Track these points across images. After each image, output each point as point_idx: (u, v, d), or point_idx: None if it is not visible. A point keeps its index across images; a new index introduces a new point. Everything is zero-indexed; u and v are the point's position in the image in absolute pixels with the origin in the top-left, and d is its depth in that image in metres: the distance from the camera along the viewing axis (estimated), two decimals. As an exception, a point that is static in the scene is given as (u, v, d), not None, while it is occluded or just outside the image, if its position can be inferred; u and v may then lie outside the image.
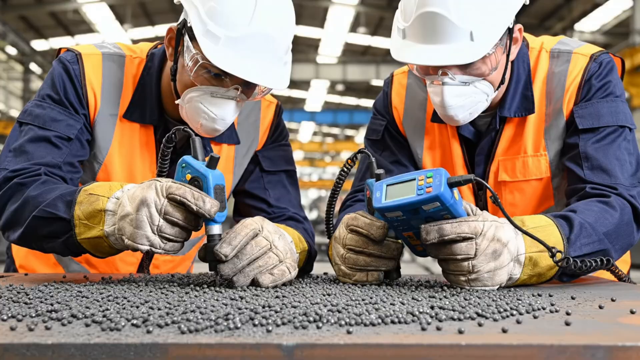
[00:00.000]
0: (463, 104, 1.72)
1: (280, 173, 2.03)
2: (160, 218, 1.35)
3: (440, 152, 1.97)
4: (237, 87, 1.68)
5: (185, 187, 1.35)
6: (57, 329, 0.91)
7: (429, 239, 1.37)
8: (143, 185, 1.40)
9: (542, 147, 1.86)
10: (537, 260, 1.43)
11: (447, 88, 1.69)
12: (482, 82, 1.72)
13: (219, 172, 1.39)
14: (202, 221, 1.41)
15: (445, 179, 1.36)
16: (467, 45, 1.63)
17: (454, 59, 1.64)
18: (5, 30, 19.35)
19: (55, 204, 1.49)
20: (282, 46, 1.68)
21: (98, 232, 1.44)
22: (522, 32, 1.80)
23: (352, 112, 30.13)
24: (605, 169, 1.72)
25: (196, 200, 1.34)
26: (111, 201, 1.43)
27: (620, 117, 1.78)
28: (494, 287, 1.39)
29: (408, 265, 11.21)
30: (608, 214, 1.60)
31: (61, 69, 1.80)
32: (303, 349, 0.83)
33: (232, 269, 1.39)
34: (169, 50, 1.76)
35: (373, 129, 2.06)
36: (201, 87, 1.68)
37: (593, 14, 20.29)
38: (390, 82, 2.07)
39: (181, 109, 1.74)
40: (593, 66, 1.81)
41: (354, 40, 25.24)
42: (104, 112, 1.82)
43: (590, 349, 0.84)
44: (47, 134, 1.72)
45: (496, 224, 1.39)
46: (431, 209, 1.38)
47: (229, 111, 1.70)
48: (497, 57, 1.70)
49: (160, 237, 1.37)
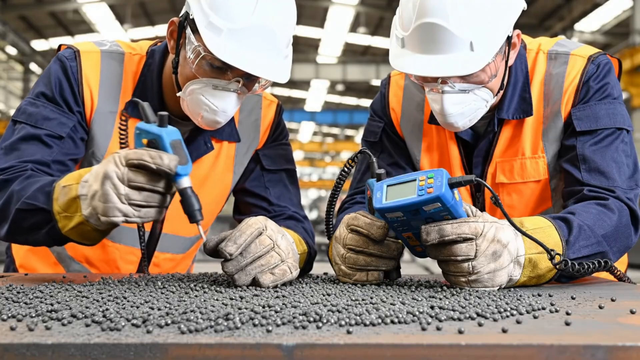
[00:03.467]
0: (462, 111, 1.71)
1: (280, 172, 2.03)
2: (124, 187, 1.35)
3: (438, 154, 1.97)
4: (238, 80, 1.69)
5: (141, 150, 1.36)
6: (57, 329, 0.91)
7: (429, 239, 1.37)
8: (103, 161, 1.41)
9: (540, 149, 1.86)
10: (536, 261, 1.43)
11: (447, 96, 1.68)
12: (482, 89, 1.71)
13: (172, 128, 1.40)
14: (170, 182, 1.40)
15: (446, 180, 1.36)
16: (467, 55, 1.62)
17: (455, 70, 1.62)
18: (5, 30, 19.35)
19: (35, 195, 1.51)
20: (284, 39, 1.69)
21: (78, 219, 1.44)
22: (520, 37, 1.79)
23: (352, 112, 30.16)
24: (603, 172, 1.72)
25: (154, 160, 1.34)
26: (81, 185, 1.43)
27: (618, 119, 1.78)
28: (494, 288, 1.39)
29: (408, 265, 11.21)
30: (606, 217, 1.59)
31: (58, 66, 1.80)
32: (303, 349, 0.83)
33: (236, 266, 1.39)
34: (171, 43, 1.76)
35: (371, 131, 2.06)
36: (203, 80, 1.68)
37: (593, 14, 20.29)
38: (388, 84, 2.07)
39: (182, 101, 1.74)
40: (591, 68, 1.81)
41: (354, 40, 25.25)
42: (102, 109, 1.82)
43: (590, 349, 0.84)
44: (38, 132, 1.72)
45: (496, 225, 1.39)
46: (432, 210, 1.38)
47: (231, 104, 1.71)
48: (496, 64, 1.70)
49: (131, 206, 1.37)
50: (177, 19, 1.74)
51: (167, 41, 1.78)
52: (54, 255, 2.01)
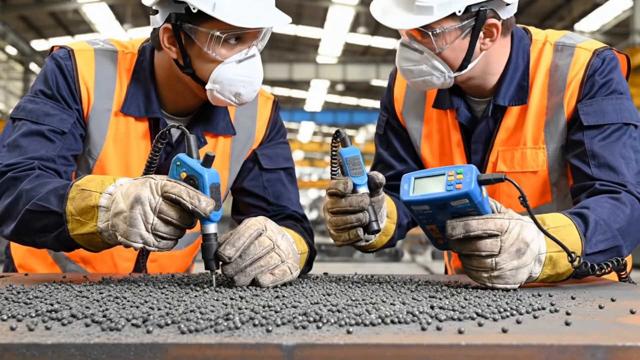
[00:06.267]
0: (412, 69, 1.83)
1: (279, 171, 2.03)
2: (154, 216, 1.34)
3: (439, 139, 2.01)
4: (253, 44, 1.74)
5: (180, 186, 1.34)
6: (57, 329, 0.91)
7: (454, 234, 1.38)
8: (137, 182, 1.39)
9: (541, 139, 1.87)
10: (556, 260, 1.44)
11: (402, 49, 1.84)
12: (435, 58, 1.79)
13: (214, 170, 1.39)
14: (196, 219, 1.40)
15: (475, 176, 1.37)
16: (424, 17, 1.73)
17: (400, 23, 1.77)
18: (5, 30, 19.34)
19: (48, 197, 1.49)
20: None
21: (91, 228, 1.43)
22: (499, 29, 1.81)
23: (352, 112, 30.15)
24: (612, 167, 1.73)
25: (191, 199, 1.34)
26: (104, 197, 1.42)
27: (625, 115, 1.79)
28: (515, 285, 1.39)
29: (408, 265, 11.21)
30: (619, 210, 1.60)
31: (54, 65, 1.80)
32: (303, 349, 0.83)
33: (235, 268, 1.39)
34: (174, 49, 1.74)
35: (379, 124, 2.15)
36: (225, 61, 1.71)
37: (593, 14, 20.28)
38: (394, 75, 2.13)
39: (210, 92, 1.75)
40: (596, 62, 1.82)
41: (354, 40, 25.24)
42: (97, 107, 1.82)
43: (590, 349, 0.84)
44: (40, 128, 1.72)
45: (521, 223, 1.39)
46: (459, 205, 1.38)
47: (259, 69, 1.77)
48: (450, 37, 1.76)
49: (154, 236, 1.36)
50: (169, 25, 1.71)
51: (167, 50, 1.75)
52: (50, 255, 2.01)
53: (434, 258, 11.82)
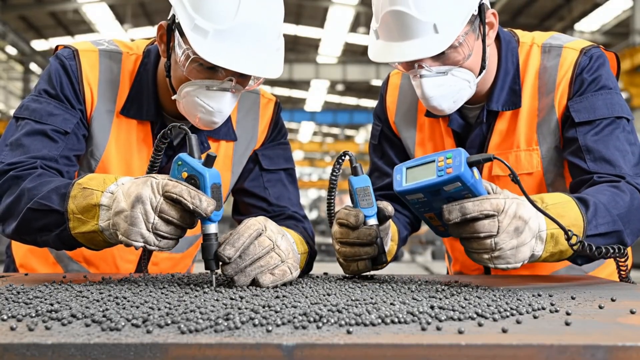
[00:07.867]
0: (444, 93, 1.74)
1: (279, 171, 2.04)
2: (155, 216, 1.34)
3: (432, 146, 2.01)
4: (231, 79, 1.68)
5: (181, 185, 1.34)
6: (57, 329, 0.91)
7: (451, 218, 1.38)
8: (138, 181, 1.39)
9: (534, 141, 1.87)
10: (558, 237, 1.43)
11: (425, 80, 1.73)
12: (460, 69, 1.74)
13: (215, 170, 1.39)
14: (197, 219, 1.40)
15: (465, 159, 1.37)
16: (432, 37, 1.67)
17: (421, 52, 1.68)
18: (5, 30, 19.33)
19: (49, 196, 1.49)
20: (272, 33, 1.68)
21: (92, 227, 1.43)
22: (497, 16, 1.81)
23: (352, 112, 30.13)
24: (608, 160, 1.73)
25: (193, 199, 1.34)
26: (105, 195, 1.42)
27: (615, 109, 1.79)
28: (517, 264, 1.38)
29: (408, 265, 11.20)
30: (619, 197, 1.60)
31: (58, 65, 1.80)
32: (303, 349, 0.83)
33: (235, 268, 1.39)
34: (161, 47, 1.76)
35: (373, 134, 2.15)
36: (196, 82, 1.68)
37: (593, 14, 20.29)
38: (386, 84, 2.13)
39: (178, 103, 1.74)
40: (583, 60, 1.82)
41: (354, 40, 25.24)
42: (100, 108, 1.82)
43: (590, 349, 0.84)
44: (43, 128, 1.72)
45: (517, 201, 1.39)
46: (452, 190, 1.39)
47: (226, 103, 1.70)
48: (469, 43, 1.73)
49: (155, 235, 1.36)
50: (165, 23, 1.73)
51: (158, 45, 1.78)
52: (52, 255, 2.01)
53: (434, 258, 11.82)
